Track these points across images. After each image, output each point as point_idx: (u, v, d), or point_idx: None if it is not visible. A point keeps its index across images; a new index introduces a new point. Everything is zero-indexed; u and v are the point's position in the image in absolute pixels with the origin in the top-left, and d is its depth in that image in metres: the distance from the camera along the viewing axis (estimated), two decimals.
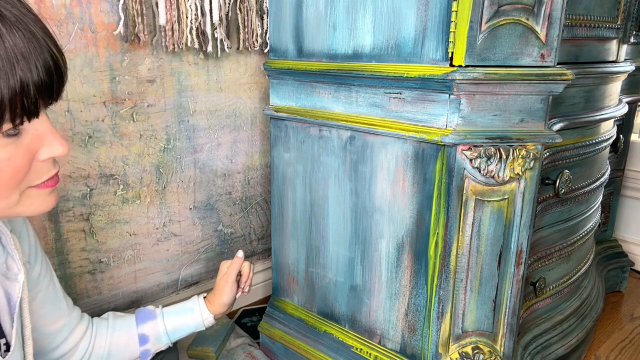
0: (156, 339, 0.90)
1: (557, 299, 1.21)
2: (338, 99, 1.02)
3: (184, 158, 1.31)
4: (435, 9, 0.83)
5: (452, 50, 0.82)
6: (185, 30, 1.19)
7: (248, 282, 1.00)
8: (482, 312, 0.96)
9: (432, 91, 0.86)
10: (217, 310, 0.96)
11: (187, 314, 0.94)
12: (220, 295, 0.96)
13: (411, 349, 1.02)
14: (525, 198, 0.89)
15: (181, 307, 0.95)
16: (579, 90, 1.06)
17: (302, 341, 1.21)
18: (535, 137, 0.87)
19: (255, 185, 1.49)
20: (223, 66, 1.32)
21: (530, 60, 0.84)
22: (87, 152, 1.13)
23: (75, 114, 1.09)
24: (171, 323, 0.91)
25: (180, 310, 0.94)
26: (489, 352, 0.97)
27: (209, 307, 0.96)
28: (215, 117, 1.34)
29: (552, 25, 0.83)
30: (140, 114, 1.19)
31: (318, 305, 1.19)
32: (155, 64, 1.19)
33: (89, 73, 1.09)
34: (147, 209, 1.26)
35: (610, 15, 1.10)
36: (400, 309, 1.01)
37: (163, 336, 0.91)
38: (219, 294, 0.96)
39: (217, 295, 0.96)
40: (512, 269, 0.93)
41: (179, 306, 0.95)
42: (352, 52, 0.97)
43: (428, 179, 0.91)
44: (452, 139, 0.84)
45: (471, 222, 0.89)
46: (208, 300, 0.97)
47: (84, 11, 1.06)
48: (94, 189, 1.16)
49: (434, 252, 0.93)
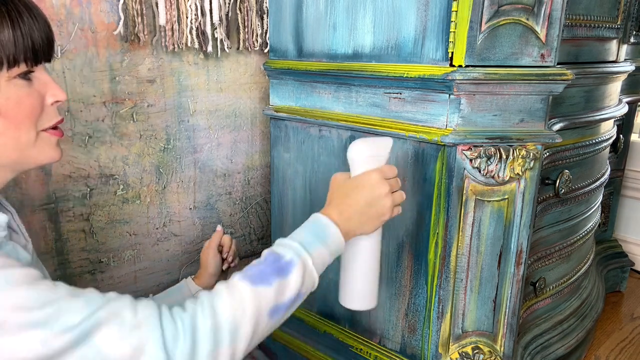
0: None
1: (557, 299, 1.21)
2: (338, 99, 1.02)
3: (184, 158, 1.31)
4: (435, 9, 0.83)
5: (452, 50, 0.82)
6: (185, 30, 1.19)
7: (231, 252, 1.00)
8: (482, 312, 0.96)
9: (432, 91, 0.86)
10: (205, 283, 0.97)
11: (176, 292, 0.96)
12: (206, 268, 0.97)
13: (411, 349, 1.02)
14: (525, 198, 0.89)
15: (169, 289, 0.98)
16: (579, 90, 1.06)
17: (302, 341, 1.21)
18: (535, 137, 0.87)
19: (255, 185, 1.49)
20: (223, 66, 1.32)
21: (530, 60, 0.84)
22: (87, 152, 1.13)
23: (75, 114, 1.09)
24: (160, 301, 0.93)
25: (168, 292, 0.97)
26: (489, 352, 0.97)
27: (196, 282, 0.97)
28: (215, 117, 1.34)
29: (552, 25, 0.83)
30: (140, 114, 1.19)
31: (318, 305, 1.19)
32: (155, 64, 1.19)
33: (89, 73, 1.09)
34: (147, 209, 1.26)
35: (610, 15, 1.10)
36: (400, 309, 1.01)
37: None
38: (204, 267, 0.97)
39: (202, 269, 0.98)
40: (512, 269, 0.93)
41: (168, 289, 0.98)
42: (352, 52, 0.97)
43: (428, 179, 0.90)
44: (452, 139, 0.84)
45: (471, 222, 0.89)
46: (196, 277, 0.99)
47: (84, 11, 1.06)
48: (94, 189, 1.16)
49: (434, 252, 0.93)
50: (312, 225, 0.68)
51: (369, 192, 0.70)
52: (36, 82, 0.57)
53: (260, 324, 0.59)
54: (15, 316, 0.47)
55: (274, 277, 0.61)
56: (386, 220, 0.73)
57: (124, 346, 0.51)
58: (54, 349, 0.48)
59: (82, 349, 0.49)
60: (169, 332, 0.53)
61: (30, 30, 0.55)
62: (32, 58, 0.55)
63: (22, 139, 0.57)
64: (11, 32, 0.53)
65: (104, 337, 0.50)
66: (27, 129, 0.56)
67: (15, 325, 0.47)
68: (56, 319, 0.48)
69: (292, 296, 0.62)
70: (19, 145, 0.57)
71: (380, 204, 0.71)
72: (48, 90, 0.58)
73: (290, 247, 0.64)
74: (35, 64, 0.57)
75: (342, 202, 0.70)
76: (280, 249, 0.64)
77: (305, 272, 0.64)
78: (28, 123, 0.56)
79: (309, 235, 0.66)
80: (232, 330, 0.56)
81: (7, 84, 0.54)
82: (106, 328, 0.50)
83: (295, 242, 0.65)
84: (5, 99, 0.54)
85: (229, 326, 0.56)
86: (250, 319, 0.58)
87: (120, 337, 0.51)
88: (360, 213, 0.70)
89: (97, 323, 0.50)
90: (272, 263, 0.62)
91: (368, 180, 0.71)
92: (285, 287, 0.61)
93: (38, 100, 0.57)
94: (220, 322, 0.56)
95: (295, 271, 0.62)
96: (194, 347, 0.54)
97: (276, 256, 0.63)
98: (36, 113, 0.57)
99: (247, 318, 0.57)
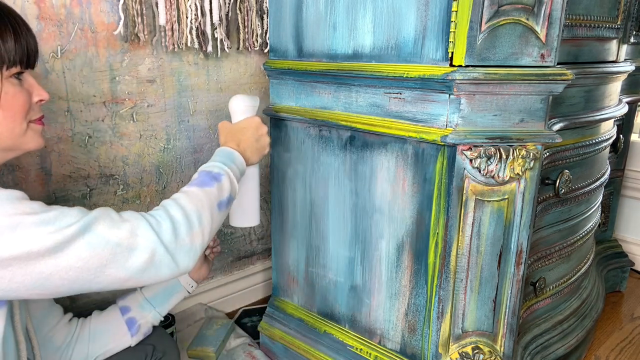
0: (138, 307, 0.94)
1: (557, 299, 1.21)
2: (338, 99, 1.02)
3: (184, 158, 1.31)
4: (435, 9, 0.83)
5: (452, 50, 0.82)
6: (185, 30, 1.19)
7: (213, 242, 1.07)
8: (482, 312, 0.96)
9: (432, 91, 0.86)
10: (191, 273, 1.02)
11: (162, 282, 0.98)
12: None
13: (411, 349, 1.02)
14: (525, 198, 0.89)
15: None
16: (579, 90, 1.06)
17: (302, 341, 1.21)
18: (535, 137, 0.87)
19: None
20: (223, 66, 1.32)
21: (530, 60, 0.84)
22: (87, 152, 1.13)
23: (75, 114, 1.09)
24: (149, 291, 0.97)
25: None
26: (489, 352, 0.97)
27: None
28: (215, 117, 1.34)
29: (552, 25, 0.83)
30: (140, 114, 1.20)
31: (318, 306, 1.19)
32: (155, 64, 1.19)
33: (89, 73, 1.09)
34: (147, 209, 1.26)
35: (610, 15, 1.10)
36: (400, 309, 1.01)
37: (144, 303, 0.95)
38: None
39: None
40: (512, 269, 0.93)
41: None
42: (352, 52, 0.97)
43: (428, 179, 0.90)
44: (452, 139, 0.84)
45: (471, 222, 0.89)
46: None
47: (84, 11, 1.06)
48: (94, 189, 1.16)
49: (434, 252, 0.93)
50: (222, 153, 0.88)
51: (255, 131, 0.95)
52: (25, 83, 0.69)
53: (214, 214, 0.77)
54: (29, 218, 0.58)
55: (213, 181, 0.80)
56: (266, 154, 0.97)
57: (120, 232, 0.64)
58: (64, 238, 0.59)
59: (87, 236, 0.61)
60: (152, 220, 0.68)
61: (27, 42, 0.67)
62: (26, 63, 0.68)
63: (16, 129, 0.67)
64: (14, 42, 0.65)
65: (102, 226, 0.63)
66: (20, 121, 0.68)
67: (29, 223, 0.58)
68: (61, 218, 0.60)
69: (227, 195, 0.82)
70: (13, 134, 0.67)
71: (263, 139, 0.96)
72: (34, 90, 0.70)
73: (214, 166, 0.84)
74: (26, 68, 0.68)
75: (237, 139, 0.92)
76: (208, 168, 0.83)
77: (230, 180, 0.83)
78: (20, 115, 0.67)
79: (223, 159, 0.86)
80: (198, 217, 0.73)
81: (6, 81, 0.65)
82: (102, 221, 0.64)
83: (216, 163, 0.85)
84: (4, 93, 0.65)
85: (195, 214, 0.73)
86: (207, 209, 0.76)
87: (115, 226, 0.64)
88: (251, 146, 0.93)
89: (94, 218, 0.63)
90: (206, 175, 0.81)
91: (253, 122, 0.95)
92: (222, 188, 0.81)
93: (27, 97, 0.68)
94: (188, 211, 0.72)
95: (224, 179, 0.82)
96: (174, 228, 0.69)
97: (208, 172, 0.82)
98: (27, 107, 0.68)
99: (206, 208, 0.75)
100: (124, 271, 0.64)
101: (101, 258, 0.62)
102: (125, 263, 0.64)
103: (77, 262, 0.60)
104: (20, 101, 0.67)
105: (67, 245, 0.60)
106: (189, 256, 0.71)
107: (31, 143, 0.70)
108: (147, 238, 0.66)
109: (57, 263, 0.59)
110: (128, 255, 0.64)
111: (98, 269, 0.62)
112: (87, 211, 0.64)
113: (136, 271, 0.65)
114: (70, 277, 0.61)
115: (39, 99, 0.71)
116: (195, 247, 0.72)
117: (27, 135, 0.69)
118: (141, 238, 0.65)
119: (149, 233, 0.66)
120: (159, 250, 0.67)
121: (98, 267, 0.62)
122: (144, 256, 0.65)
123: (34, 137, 0.71)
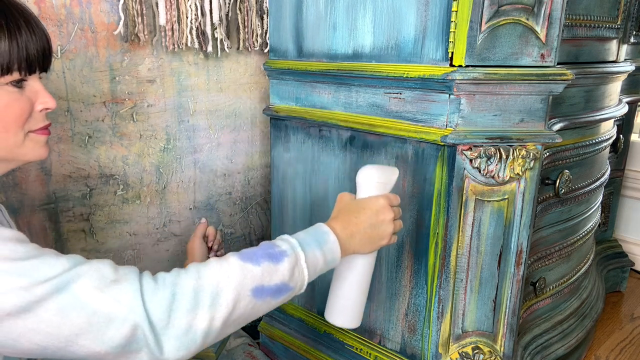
0: None
1: (557, 299, 1.21)
2: (338, 99, 1.02)
3: (184, 158, 1.31)
4: (435, 9, 0.83)
5: (452, 50, 0.82)
6: (185, 30, 1.19)
7: (216, 241, 1.01)
8: (482, 312, 0.96)
9: (432, 91, 0.86)
10: None
11: None
12: (192, 258, 0.97)
13: (411, 349, 1.02)
14: (525, 198, 0.89)
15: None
16: (579, 90, 1.06)
17: (302, 341, 1.21)
18: (535, 137, 0.87)
19: (255, 185, 1.49)
20: (223, 66, 1.32)
21: (530, 60, 0.84)
22: (87, 152, 1.13)
23: (75, 114, 1.09)
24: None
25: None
26: (489, 352, 0.97)
27: None
28: (215, 117, 1.34)
29: (552, 25, 0.83)
30: (140, 114, 1.20)
31: (318, 305, 1.19)
32: (155, 64, 1.19)
33: (89, 73, 1.09)
34: (147, 209, 1.26)
35: (610, 15, 1.10)
36: (400, 309, 1.01)
37: None
38: (191, 257, 0.98)
39: (189, 259, 0.98)
40: (512, 269, 0.93)
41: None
42: (352, 52, 0.97)
43: (428, 179, 0.91)
44: (452, 139, 0.84)
45: (471, 222, 0.89)
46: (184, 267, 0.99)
47: (84, 11, 1.06)
48: (94, 189, 1.16)
49: (434, 252, 0.93)
50: (313, 230, 0.70)
51: (375, 215, 0.73)
52: (28, 89, 0.61)
53: (242, 299, 0.59)
54: (3, 264, 0.50)
55: (264, 259, 0.63)
56: (384, 245, 0.76)
57: (102, 296, 0.53)
58: (34, 297, 0.50)
59: (61, 297, 0.51)
60: (148, 286, 0.55)
61: (27, 43, 0.58)
62: (26, 68, 0.59)
63: (10, 140, 0.61)
64: (7, 43, 0.56)
65: (82, 287, 0.52)
66: (14, 132, 0.61)
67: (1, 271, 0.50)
68: (38, 270, 0.51)
69: (278, 282, 0.63)
70: (6, 145, 0.61)
71: (382, 228, 0.74)
72: (39, 98, 0.62)
73: (287, 241, 0.67)
74: (29, 74, 0.60)
75: (347, 219, 0.73)
76: (278, 241, 0.67)
77: (295, 267, 0.65)
78: (15, 126, 0.60)
79: (308, 237, 0.68)
80: (214, 295, 0.57)
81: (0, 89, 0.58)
82: (86, 279, 0.53)
83: (293, 239, 0.67)
84: None
85: (210, 289, 0.57)
86: (233, 289, 0.58)
87: (98, 288, 0.53)
88: (363, 233, 0.73)
89: (77, 275, 0.53)
90: (265, 249, 0.65)
91: (375, 204, 0.74)
92: (273, 272, 0.62)
93: (27, 106, 0.61)
94: (203, 284, 0.57)
95: (286, 261, 0.64)
96: (172, 301, 0.55)
97: (271, 245, 0.66)
98: (24, 118, 0.61)
99: (230, 287, 0.58)
100: (101, 345, 0.53)
101: (74, 326, 0.51)
102: (102, 335, 0.52)
103: (46, 327, 0.51)
104: (14, 111, 0.59)
105: (36, 306, 0.50)
106: (180, 342, 0.55)
107: (30, 154, 0.63)
108: (131, 308, 0.53)
109: (25, 325, 0.50)
110: (105, 327, 0.52)
111: (69, 337, 0.52)
112: (80, 261, 0.55)
113: (114, 347, 0.53)
114: (39, 341, 0.51)
115: (43, 107, 0.63)
116: (194, 332, 0.56)
117: (26, 146, 0.62)
118: (123, 307, 0.53)
119: (134, 302, 0.53)
120: (142, 326, 0.53)
121: (69, 336, 0.52)
122: (123, 330, 0.53)
123: (34, 148, 0.63)
